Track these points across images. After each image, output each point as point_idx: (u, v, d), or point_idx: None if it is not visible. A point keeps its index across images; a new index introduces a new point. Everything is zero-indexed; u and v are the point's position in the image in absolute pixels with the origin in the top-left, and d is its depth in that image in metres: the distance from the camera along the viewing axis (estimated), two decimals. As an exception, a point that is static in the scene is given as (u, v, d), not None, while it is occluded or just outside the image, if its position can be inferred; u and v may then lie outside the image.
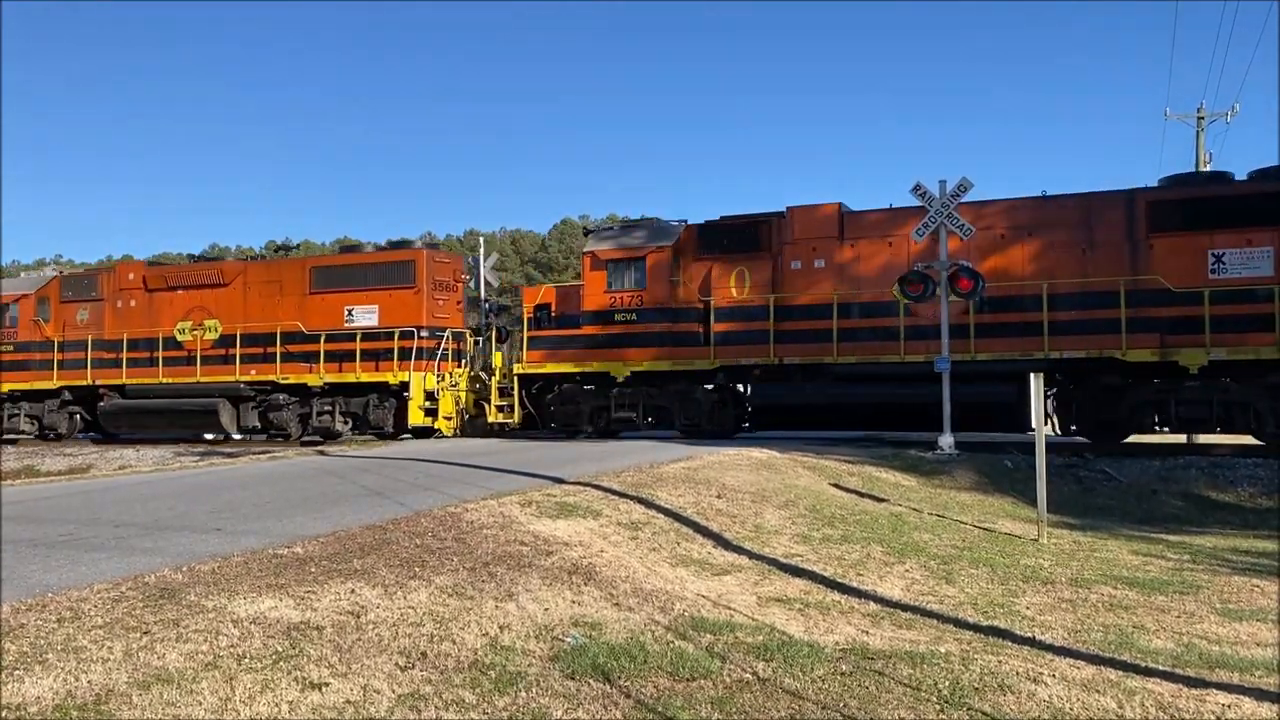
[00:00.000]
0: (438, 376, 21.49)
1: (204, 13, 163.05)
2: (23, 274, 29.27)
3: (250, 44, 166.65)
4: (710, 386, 19.40)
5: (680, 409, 19.29)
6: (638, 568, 7.45)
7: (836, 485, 12.67)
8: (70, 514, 9.00)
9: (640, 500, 9.90)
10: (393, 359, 21.45)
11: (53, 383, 25.18)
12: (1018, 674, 5.26)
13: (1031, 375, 10.95)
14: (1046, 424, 20.06)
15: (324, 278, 22.91)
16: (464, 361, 22.57)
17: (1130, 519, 12.48)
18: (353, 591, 5.87)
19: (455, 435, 21.52)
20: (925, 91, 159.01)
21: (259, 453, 19.03)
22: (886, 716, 4.63)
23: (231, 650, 4.73)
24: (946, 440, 15.91)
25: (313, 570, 6.33)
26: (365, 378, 21.74)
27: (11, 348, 25.89)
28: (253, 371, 22.92)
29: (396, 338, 21.33)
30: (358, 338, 21.80)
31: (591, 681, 4.88)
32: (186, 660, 4.55)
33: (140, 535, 7.64)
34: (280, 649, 4.81)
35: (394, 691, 4.53)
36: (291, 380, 22.50)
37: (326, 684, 4.49)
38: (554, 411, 20.49)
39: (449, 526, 7.98)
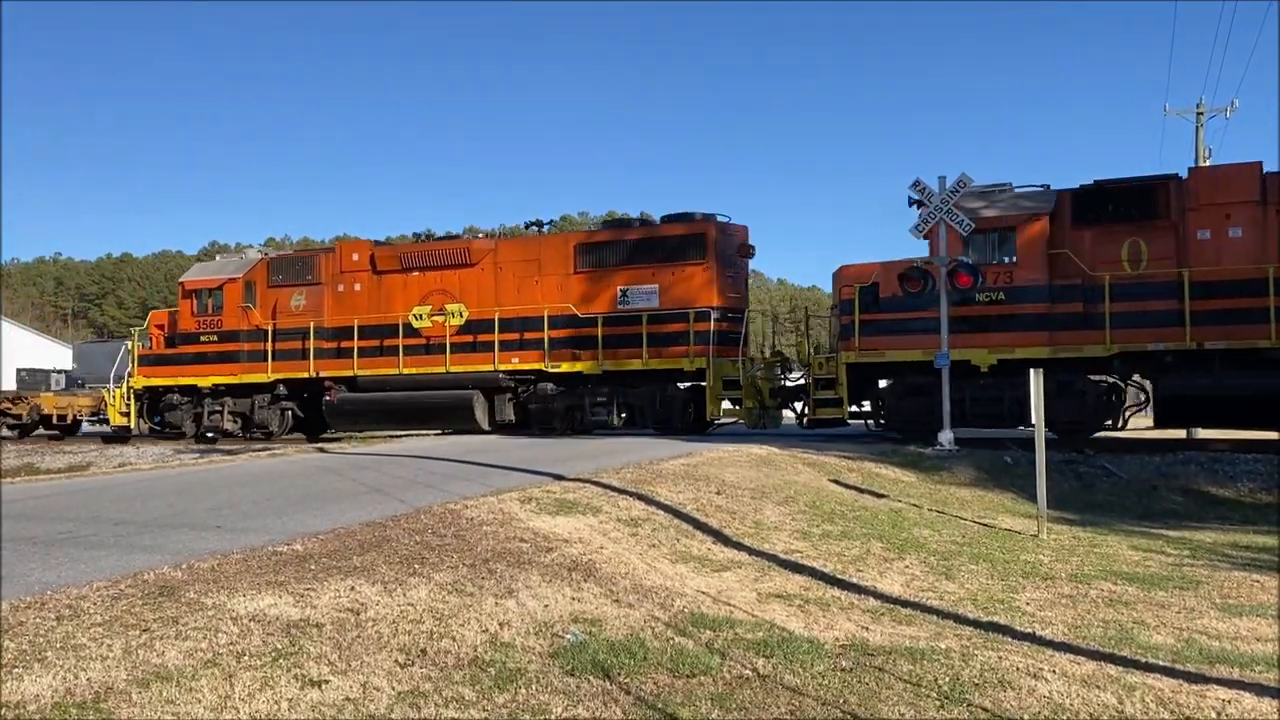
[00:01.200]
0: (738, 363, 19.11)
1: (200, 10, 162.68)
2: (218, 257, 25.78)
3: (250, 40, 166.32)
4: (1093, 376, 16.70)
5: (1062, 403, 16.27)
6: (637, 564, 7.45)
7: (836, 481, 12.67)
8: (70, 512, 9.00)
9: (640, 497, 9.89)
10: (680, 344, 19.00)
11: (267, 375, 22.56)
12: (1018, 670, 5.26)
13: (1031, 370, 10.93)
14: None
15: (592, 255, 20.38)
16: (762, 346, 20.40)
17: (1130, 515, 12.48)
18: (352, 589, 5.86)
19: (753, 427, 19.24)
20: (920, 90, 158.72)
21: (259, 450, 19.02)
22: (887, 713, 4.62)
23: (231, 648, 4.72)
24: (946, 436, 15.91)
25: (312, 567, 6.32)
26: (654, 365, 19.29)
27: (216, 337, 23.14)
28: (514, 359, 20.53)
29: (692, 319, 18.80)
30: (644, 320, 19.30)
31: (591, 678, 4.88)
32: (186, 658, 4.55)
33: (139, 533, 7.63)
34: (280, 646, 4.81)
35: (393, 688, 4.52)
36: (563, 369, 20.17)
37: (326, 681, 4.48)
38: (889, 405, 18.03)
39: (449, 523, 7.97)
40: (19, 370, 37.85)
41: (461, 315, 21.08)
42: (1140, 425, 18.96)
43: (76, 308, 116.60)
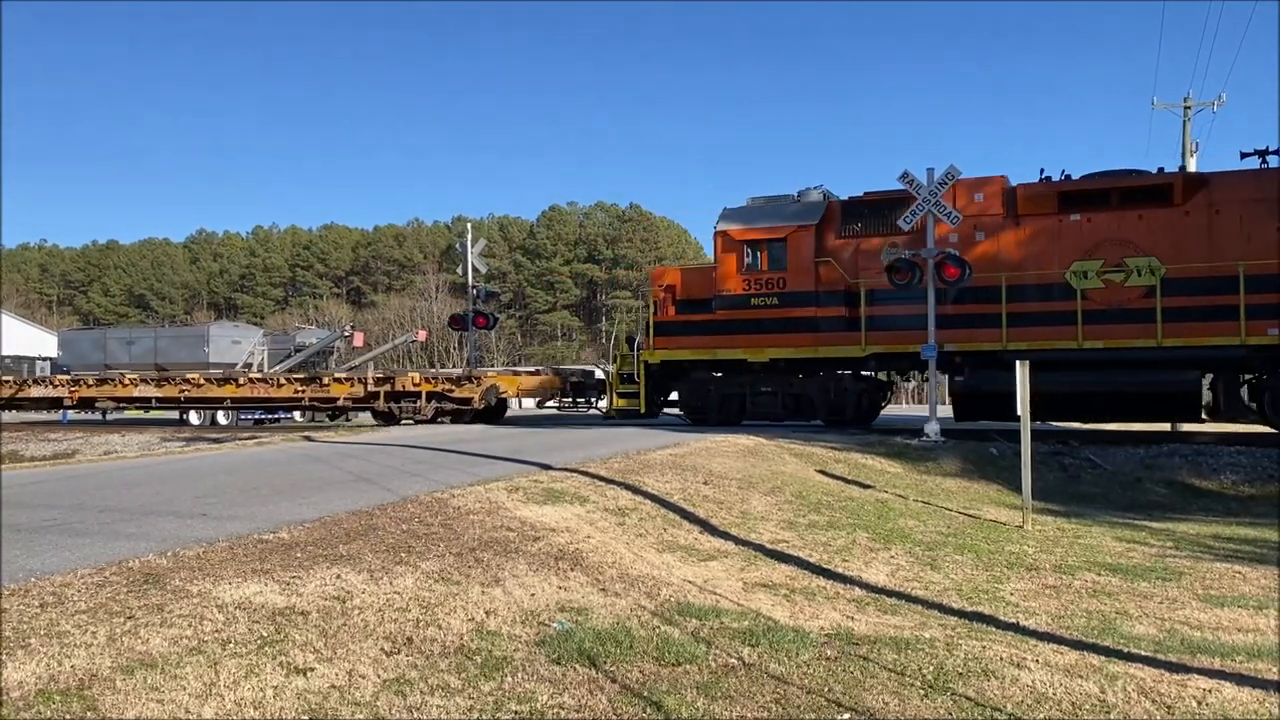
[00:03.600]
0: None
1: (193, 5, 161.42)
2: (748, 200, 19.99)
3: (239, 31, 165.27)
4: None
5: None
6: (624, 553, 7.46)
7: (823, 472, 12.71)
8: (55, 499, 8.95)
9: (627, 486, 9.90)
10: None
11: (861, 348, 17.86)
12: (1001, 659, 5.29)
13: (1017, 362, 10.97)
14: None
15: None
16: None
17: (1114, 506, 12.57)
18: (338, 577, 5.86)
19: None
20: (909, 88, 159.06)
21: (245, 438, 18.96)
22: (871, 702, 4.65)
23: (216, 635, 4.71)
24: (932, 427, 15.97)
25: (298, 556, 6.30)
26: None
27: (776, 300, 18.33)
28: (1273, 330, 15.32)
29: None
30: None
31: (577, 666, 4.89)
32: (171, 645, 4.53)
33: (125, 520, 7.60)
34: (265, 634, 4.80)
35: (379, 676, 4.52)
36: None
37: (311, 669, 4.48)
38: None
39: (435, 512, 7.97)
40: (3, 357, 37.63)
41: (1153, 272, 16.27)
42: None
43: (62, 295, 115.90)
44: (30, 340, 50.13)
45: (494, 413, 23.09)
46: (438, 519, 7.72)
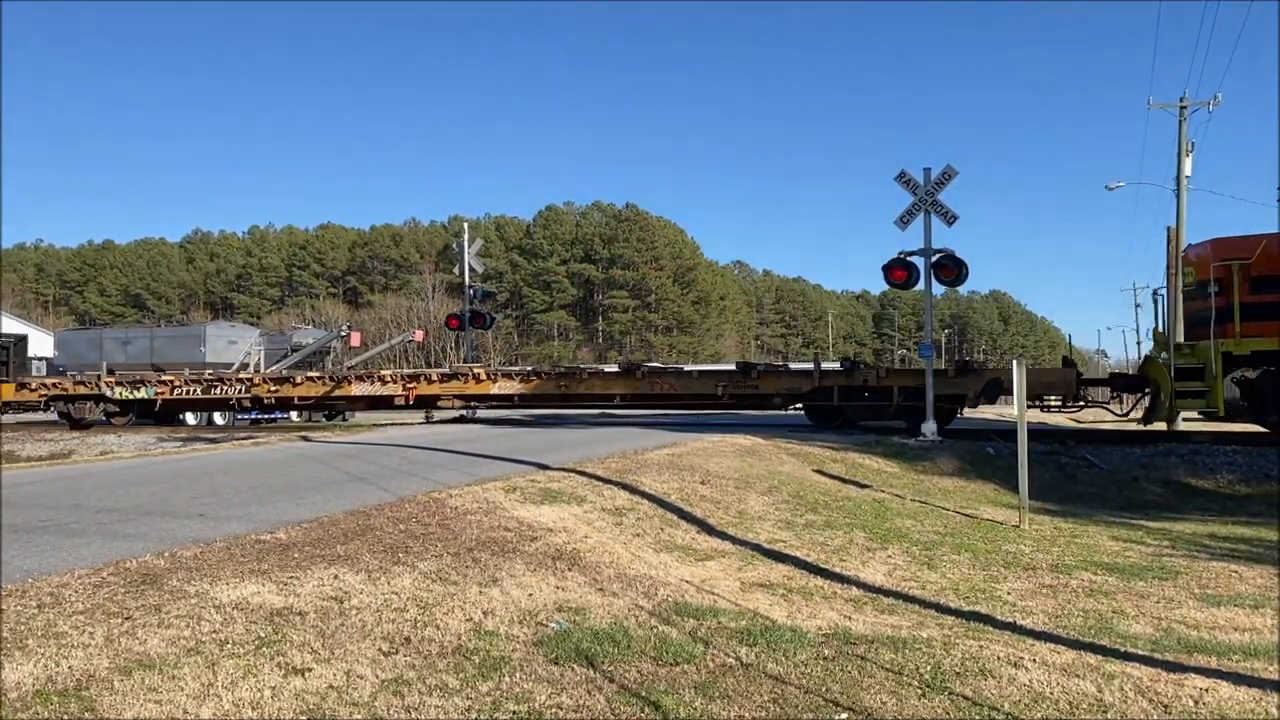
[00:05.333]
0: None
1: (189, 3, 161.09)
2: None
3: (237, 30, 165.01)
4: None
5: None
6: (622, 553, 7.46)
7: (820, 471, 12.72)
8: (52, 499, 8.94)
9: (624, 486, 9.90)
10: None
11: None
12: (998, 659, 5.29)
13: (1014, 361, 11.00)
14: None
15: None
16: None
17: (1111, 505, 12.58)
18: (336, 577, 5.85)
19: None
20: (904, 89, 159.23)
21: (242, 438, 18.93)
22: (869, 701, 4.65)
23: (214, 636, 4.71)
24: (929, 427, 16.00)
25: (296, 556, 6.30)
26: None
27: None
28: None
29: None
30: None
31: (575, 667, 4.88)
32: (168, 646, 4.53)
33: (122, 521, 7.59)
34: (263, 634, 4.79)
35: (377, 677, 4.52)
36: None
37: (309, 669, 4.48)
38: None
39: (433, 512, 7.97)
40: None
41: None
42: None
43: (58, 295, 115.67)
44: (33, 341, 49.96)
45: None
46: (435, 519, 7.72)
